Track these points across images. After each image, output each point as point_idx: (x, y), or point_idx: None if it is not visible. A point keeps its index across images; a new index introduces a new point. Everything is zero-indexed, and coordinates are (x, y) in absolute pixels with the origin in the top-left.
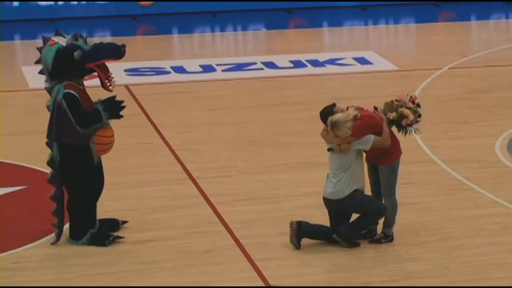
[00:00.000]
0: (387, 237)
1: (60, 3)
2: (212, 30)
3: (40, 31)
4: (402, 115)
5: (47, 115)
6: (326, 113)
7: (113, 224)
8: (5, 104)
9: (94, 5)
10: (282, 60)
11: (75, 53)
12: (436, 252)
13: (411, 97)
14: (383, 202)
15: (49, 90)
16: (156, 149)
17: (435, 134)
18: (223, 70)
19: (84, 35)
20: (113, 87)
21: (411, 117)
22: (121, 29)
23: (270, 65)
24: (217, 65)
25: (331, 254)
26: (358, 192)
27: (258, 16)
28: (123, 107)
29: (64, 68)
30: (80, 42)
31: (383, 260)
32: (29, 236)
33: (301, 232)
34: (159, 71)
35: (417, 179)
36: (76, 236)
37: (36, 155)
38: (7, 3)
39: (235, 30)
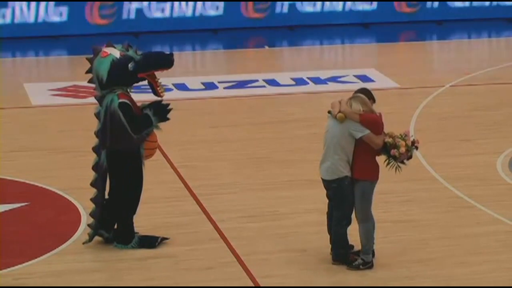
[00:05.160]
0: (366, 264)
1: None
2: (214, 47)
3: (47, 48)
4: (395, 144)
5: (49, 132)
6: (363, 90)
7: (151, 241)
8: (7, 121)
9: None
10: (283, 77)
11: (129, 65)
12: (438, 270)
13: (415, 139)
14: (359, 227)
15: (100, 99)
16: (158, 166)
17: (436, 152)
18: (225, 88)
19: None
20: (164, 93)
21: (402, 150)
22: None
23: (272, 82)
24: (219, 82)
25: (332, 272)
26: (347, 181)
27: (260, 34)
28: (170, 109)
29: (118, 79)
30: (130, 52)
31: (384, 278)
32: (31, 252)
33: None
34: None
35: (418, 196)
36: (125, 241)
37: (38, 172)
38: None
39: (237, 47)
